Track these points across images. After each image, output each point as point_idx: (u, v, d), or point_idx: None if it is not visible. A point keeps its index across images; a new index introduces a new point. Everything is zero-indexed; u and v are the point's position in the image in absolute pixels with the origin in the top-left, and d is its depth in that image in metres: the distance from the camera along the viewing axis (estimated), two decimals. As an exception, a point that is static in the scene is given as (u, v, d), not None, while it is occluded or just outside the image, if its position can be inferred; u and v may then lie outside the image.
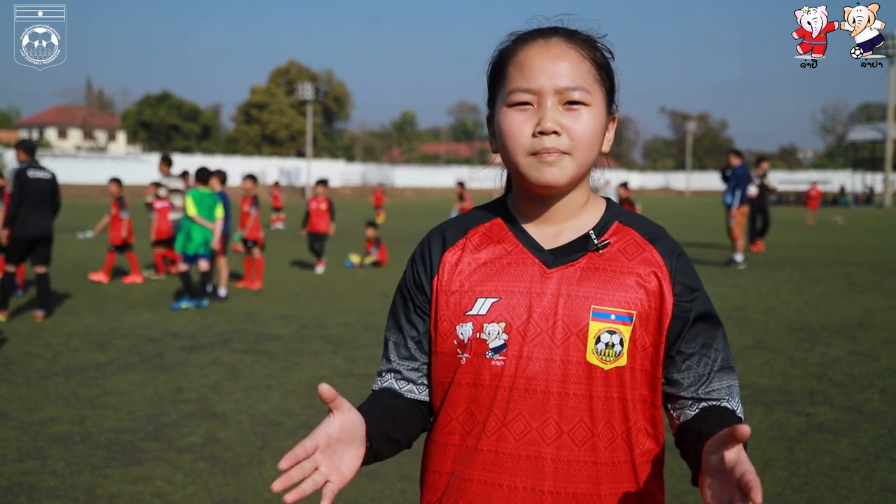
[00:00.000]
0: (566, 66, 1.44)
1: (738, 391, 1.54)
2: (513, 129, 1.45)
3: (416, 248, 1.62)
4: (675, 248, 1.51)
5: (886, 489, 4.35)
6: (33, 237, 9.36)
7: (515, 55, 1.48)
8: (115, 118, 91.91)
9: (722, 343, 1.52)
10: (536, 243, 1.51)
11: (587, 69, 1.45)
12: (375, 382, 1.64)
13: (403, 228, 27.57)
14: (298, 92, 75.55)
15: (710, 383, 1.50)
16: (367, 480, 4.55)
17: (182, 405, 6.05)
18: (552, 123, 1.42)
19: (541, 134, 1.43)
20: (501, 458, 1.45)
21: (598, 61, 1.47)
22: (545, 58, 1.44)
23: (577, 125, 1.43)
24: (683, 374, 1.50)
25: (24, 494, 4.35)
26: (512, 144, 1.46)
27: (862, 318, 9.45)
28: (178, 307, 10.49)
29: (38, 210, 9.33)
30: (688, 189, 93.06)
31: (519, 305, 1.46)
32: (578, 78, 1.44)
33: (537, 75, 1.44)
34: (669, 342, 1.48)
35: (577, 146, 1.44)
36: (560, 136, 1.43)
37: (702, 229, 26.72)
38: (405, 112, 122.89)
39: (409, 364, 1.58)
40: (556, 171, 1.43)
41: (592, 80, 1.46)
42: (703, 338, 1.50)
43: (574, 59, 1.45)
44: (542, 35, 1.48)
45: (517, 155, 1.46)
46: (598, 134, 1.46)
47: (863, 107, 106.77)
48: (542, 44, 1.46)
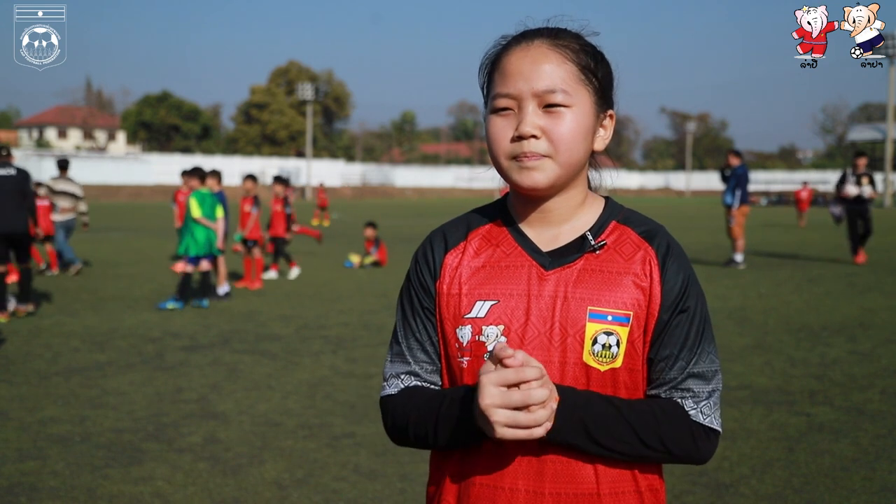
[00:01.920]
0: (546, 69, 1.44)
1: (709, 398, 1.47)
2: (495, 135, 1.48)
3: (417, 251, 1.61)
4: (669, 247, 1.49)
5: (886, 489, 4.35)
6: (8, 233, 9.53)
7: (500, 61, 1.50)
8: (115, 118, 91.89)
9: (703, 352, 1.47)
10: (534, 245, 1.51)
11: (569, 70, 1.45)
12: (391, 385, 1.57)
13: (403, 228, 27.57)
14: (298, 92, 75.54)
15: (678, 388, 1.47)
16: (367, 480, 4.55)
17: (182, 405, 6.05)
18: (530, 127, 1.43)
19: (520, 138, 1.44)
20: (503, 461, 1.45)
21: (582, 62, 1.47)
22: (524, 62, 1.45)
23: (557, 127, 1.44)
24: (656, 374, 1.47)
25: (24, 495, 4.35)
26: (495, 149, 1.48)
27: (862, 318, 9.45)
28: (164, 307, 10.51)
29: (7, 207, 9.51)
30: (688, 189, 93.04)
31: (517, 308, 1.46)
32: (558, 80, 1.44)
33: (516, 80, 1.45)
34: (651, 344, 1.46)
35: (558, 149, 1.44)
36: (539, 140, 1.43)
37: (702, 229, 26.73)
38: (405, 112, 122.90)
39: (428, 367, 1.56)
40: (536, 175, 1.44)
41: (575, 81, 1.45)
42: (683, 344, 1.46)
43: (555, 60, 1.45)
44: (526, 38, 1.48)
45: (500, 160, 1.48)
46: (581, 135, 1.46)
47: (863, 107, 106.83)
48: (523, 48, 1.47)
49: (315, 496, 4.34)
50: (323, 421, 5.57)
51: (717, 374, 1.50)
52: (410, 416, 1.51)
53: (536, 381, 1.30)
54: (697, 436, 1.46)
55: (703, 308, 1.50)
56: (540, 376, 1.31)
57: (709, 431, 1.47)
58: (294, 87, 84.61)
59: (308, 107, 74.08)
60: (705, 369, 1.48)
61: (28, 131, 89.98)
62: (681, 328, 1.46)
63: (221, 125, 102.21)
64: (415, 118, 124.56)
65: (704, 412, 1.47)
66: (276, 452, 4.97)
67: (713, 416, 1.48)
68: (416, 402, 1.51)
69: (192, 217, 10.90)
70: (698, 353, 1.47)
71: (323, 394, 6.35)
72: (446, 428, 1.46)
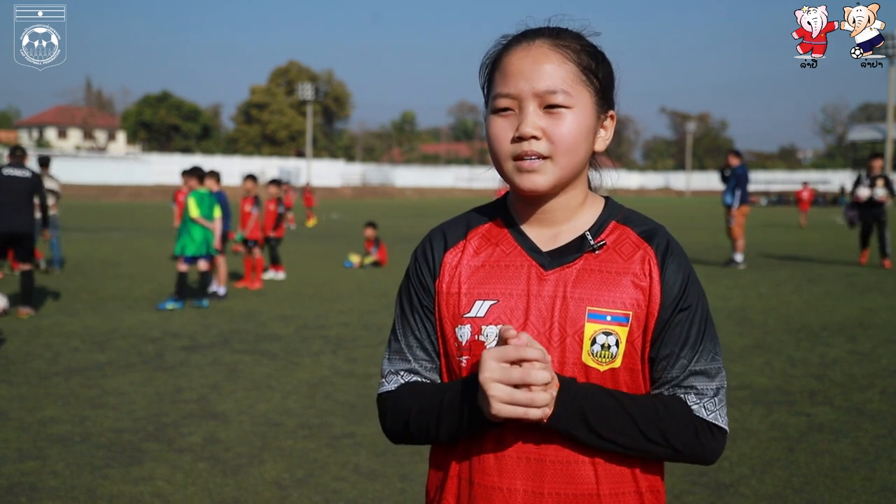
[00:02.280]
0: (547, 70, 1.44)
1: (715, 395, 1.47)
2: (495, 135, 1.47)
3: (416, 249, 1.61)
4: (669, 247, 1.49)
5: (886, 489, 4.35)
6: (9, 233, 9.66)
7: (500, 61, 1.49)
8: (115, 118, 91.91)
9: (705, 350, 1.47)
10: (534, 245, 1.51)
11: (570, 71, 1.45)
12: (390, 382, 1.56)
13: (403, 228, 27.56)
14: (298, 92, 75.61)
15: (681, 386, 1.46)
16: (367, 480, 4.55)
17: (182, 405, 6.05)
18: (530, 128, 1.42)
19: (520, 139, 1.44)
20: (502, 461, 1.45)
21: (583, 63, 1.46)
22: (525, 62, 1.45)
23: (558, 128, 1.43)
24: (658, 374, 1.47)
25: (24, 494, 4.35)
26: (496, 150, 1.48)
27: (862, 318, 9.45)
28: (163, 307, 10.50)
29: (14, 207, 9.64)
30: (688, 189, 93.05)
31: (517, 308, 1.46)
32: (559, 80, 1.43)
33: (517, 80, 1.44)
34: (652, 343, 1.46)
35: (558, 150, 1.44)
36: (539, 141, 1.43)
37: (702, 229, 26.73)
38: (405, 112, 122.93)
39: (427, 364, 1.55)
40: (536, 178, 1.44)
41: (576, 82, 1.45)
42: (684, 342, 1.46)
43: (556, 61, 1.44)
44: (527, 38, 1.48)
45: (501, 161, 1.48)
46: (581, 136, 1.46)
47: (863, 107, 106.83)
48: (524, 48, 1.46)
49: (315, 496, 4.34)
50: (323, 421, 5.57)
51: (720, 371, 1.49)
52: (412, 410, 1.50)
53: (539, 362, 1.31)
54: (701, 431, 1.45)
55: (703, 306, 1.49)
56: (541, 358, 1.32)
57: (713, 428, 1.46)
58: (294, 87, 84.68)
59: (308, 107, 74.14)
60: (708, 367, 1.47)
61: (28, 131, 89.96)
62: (682, 327, 1.46)
63: (221, 125, 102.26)
64: (415, 118, 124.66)
65: (708, 408, 1.46)
66: (276, 452, 4.97)
67: (718, 412, 1.47)
68: (418, 396, 1.50)
69: (190, 217, 10.91)
70: (700, 351, 1.47)
71: (323, 394, 6.35)
72: (450, 417, 1.45)
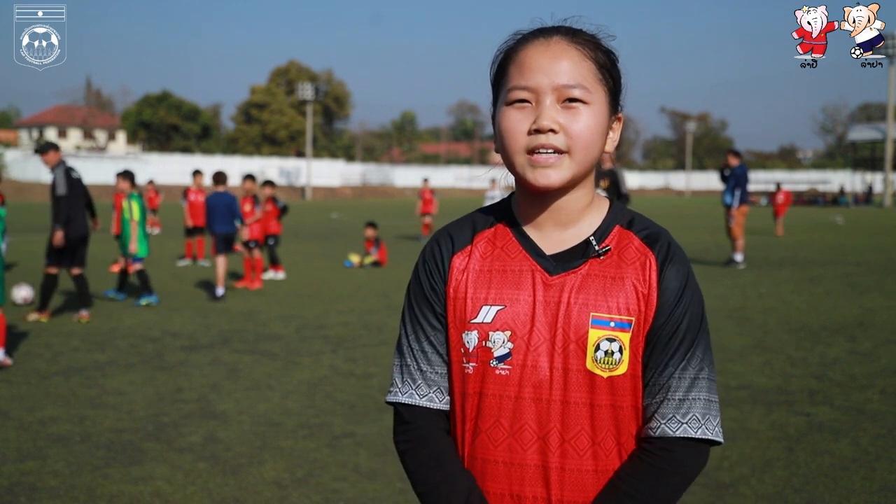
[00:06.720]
0: (566, 65, 1.42)
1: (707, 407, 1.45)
2: (510, 127, 1.44)
3: (424, 252, 1.59)
4: (669, 253, 1.47)
5: (886, 489, 4.35)
6: (81, 237, 9.51)
7: (517, 54, 1.47)
8: (115, 118, 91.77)
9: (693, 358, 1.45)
10: (539, 249, 1.49)
11: (588, 68, 1.44)
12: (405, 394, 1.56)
13: (403, 228, 27.56)
14: (298, 92, 75.52)
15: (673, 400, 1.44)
16: (366, 480, 4.55)
17: (182, 405, 6.05)
18: (549, 121, 1.40)
19: (537, 132, 1.41)
20: (510, 469, 1.45)
21: (599, 61, 1.45)
22: (544, 56, 1.43)
23: (576, 123, 1.41)
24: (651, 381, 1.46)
25: (24, 494, 4.35)
26: (509, 142, 1.45)
27: (862, 318, 9.45)
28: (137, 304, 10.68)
29: (81, 210, 9.53)
30: (688, 189, 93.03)
31: (523, 314, 1.45)
32: (578, 76, 1.42)
33: (536, 73, 1.42)
34: (646, 350, 1.45)
35: (576, 145, 1.42)
36: (557, 134, 1.41)
37: (702, 229, 26.72)
38: (405, 112, 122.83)
39: (431, 369, 1.54)
40: (550, 173, 1.42)
41: (593, 79, 1.44)
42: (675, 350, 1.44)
43: (574, 57, 1.43)
44: (544, 34, 1.47)
45: (514, 153, 1.45)
46: (597, 133, 1.44)
47: (863, 107, 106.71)
48: (542, 42, 1.45)
49: (315, 496, 4.34)
50: (323, 421, 5.57)
51: (707, 380, 1.46)
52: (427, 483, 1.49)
53: None
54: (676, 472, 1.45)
55: (697, 314, 1.47)
56: None
57: (696, 443, 1.44)
58: (294, 86, 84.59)
59: (308, 107, 74.07)
60: (695, 376, 1.45)
61: (28, 131, 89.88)
62: (672, 334, 1.44)
63: (221, 125, 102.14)
64: (415, 118, 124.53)
65: (693, 427, 1.43)
66: (276, 452, 4.97)
67: (705, 426, 1.44)
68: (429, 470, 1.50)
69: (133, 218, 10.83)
70: (688, 359, 1.44)
71: (323, 394, 6.35)
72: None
